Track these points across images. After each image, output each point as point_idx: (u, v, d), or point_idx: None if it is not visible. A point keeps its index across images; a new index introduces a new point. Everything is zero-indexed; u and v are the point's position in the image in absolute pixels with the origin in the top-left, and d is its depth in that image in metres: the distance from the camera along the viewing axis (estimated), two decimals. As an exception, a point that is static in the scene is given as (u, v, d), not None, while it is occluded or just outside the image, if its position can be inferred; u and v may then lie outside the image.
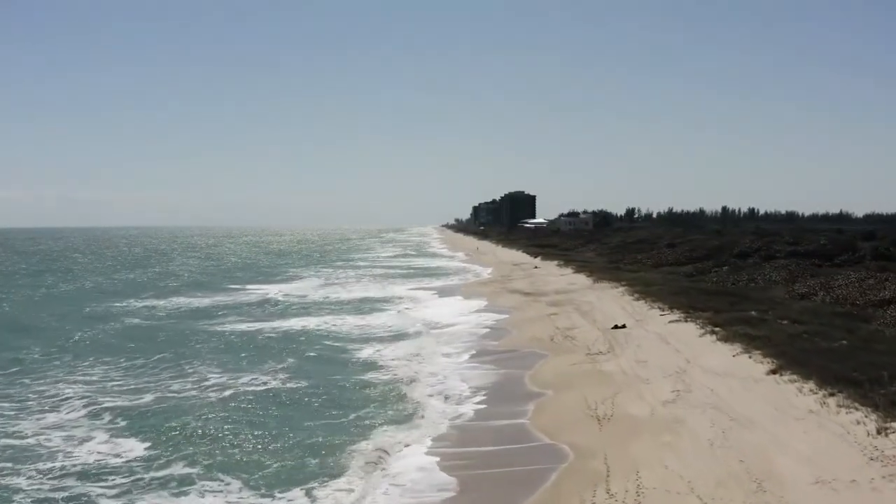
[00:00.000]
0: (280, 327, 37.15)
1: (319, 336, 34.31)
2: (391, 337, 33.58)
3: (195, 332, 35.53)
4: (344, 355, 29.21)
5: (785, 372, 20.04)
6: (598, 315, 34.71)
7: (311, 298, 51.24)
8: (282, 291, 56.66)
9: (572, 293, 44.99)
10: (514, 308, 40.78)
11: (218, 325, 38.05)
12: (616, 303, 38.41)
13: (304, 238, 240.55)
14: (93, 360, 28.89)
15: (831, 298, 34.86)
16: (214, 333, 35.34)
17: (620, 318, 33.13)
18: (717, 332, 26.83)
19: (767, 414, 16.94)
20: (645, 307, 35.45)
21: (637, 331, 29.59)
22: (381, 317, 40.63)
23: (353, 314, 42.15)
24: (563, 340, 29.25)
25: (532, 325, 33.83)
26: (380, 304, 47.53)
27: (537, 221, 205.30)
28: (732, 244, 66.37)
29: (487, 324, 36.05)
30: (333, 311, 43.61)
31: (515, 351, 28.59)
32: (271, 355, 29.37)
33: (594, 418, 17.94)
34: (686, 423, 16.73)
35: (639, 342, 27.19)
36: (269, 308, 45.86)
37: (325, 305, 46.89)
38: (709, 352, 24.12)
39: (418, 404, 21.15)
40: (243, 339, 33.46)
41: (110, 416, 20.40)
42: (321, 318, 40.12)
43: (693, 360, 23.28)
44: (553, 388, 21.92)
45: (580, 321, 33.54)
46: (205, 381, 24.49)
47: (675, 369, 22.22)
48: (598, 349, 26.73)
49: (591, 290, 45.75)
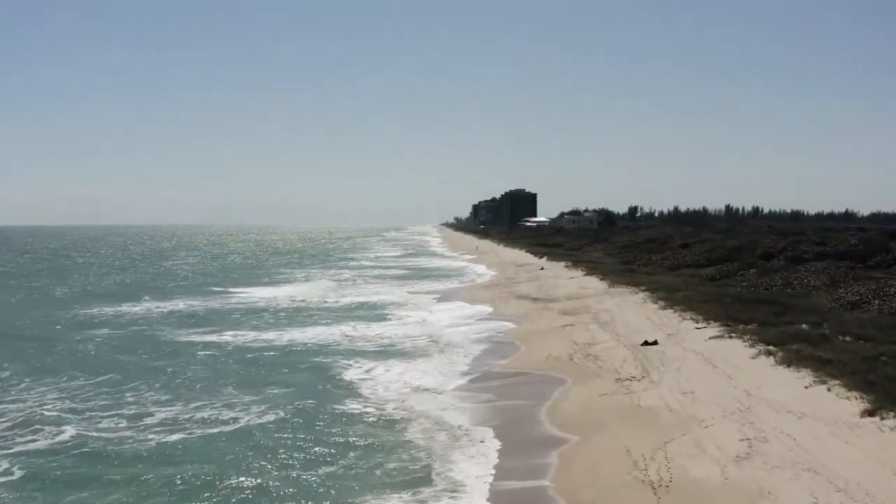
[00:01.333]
0: (261, 340, 32.57)
1: (304, 352, 29.74)
2: (384, 353, 29.00)
3: (162, 346, 30.99)
4: (327, 381, 24.54)
5: (886, 414, 15.47)
6: (622, 327, 30.14)
7: (302, 304, 46.64)
8: (271, 296, 52.09)
9: (586, 299, 40.41)
10: (522, 317, 36.20)
11: (194, 336, 33.49)
12: (639, 312, 33.83)
13: (303, 237, 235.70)
14: (30, 381, 24.40)
15: (889, 309, 30.27)
16: (185, 347, 30.79)
17: (648, 331, 28.56)
18: (773, 353, 22.26)
19: (886, 480, 12.40)
20: (675, 318, 30.88)
21: (672, 348, 25.02)
22: (375, 327, 36.03)
23: (345, 323, 37.59)
24: (584, 360, 24.66)
25: (545, 340, 29.27)
26: (376, 310, 42.97)
27: (539, 220, 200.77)
28: (753, 244, 61.74)
29: (492, 336, 31.49)
30: (325, 320, 39.03)
31: (527, 374, 24.03)
32: (244, 378, 24.83)
33: (646, 484, 13.35)
34: (779, 499, 12.15)
35: (678, 364, 22.63)
36: (252, 316, 41.27)
37: (317, 312, 42.29)
38: (770, 380, 19.55)
39: (407, 453, 16.59)
40: (216, 356, 28.91)
41: (8, 462, 15.93)
42: (311, 329, 35.51)
43: (753, 391, 18.72)
44: (580, 431, 17.35)
45: (601, 335, 28.98)
46: (146, 417, 19.88)
47: (734, 405, 17.66)
48: (629, 373, 22.16)
49: (607, 295, 41.17)
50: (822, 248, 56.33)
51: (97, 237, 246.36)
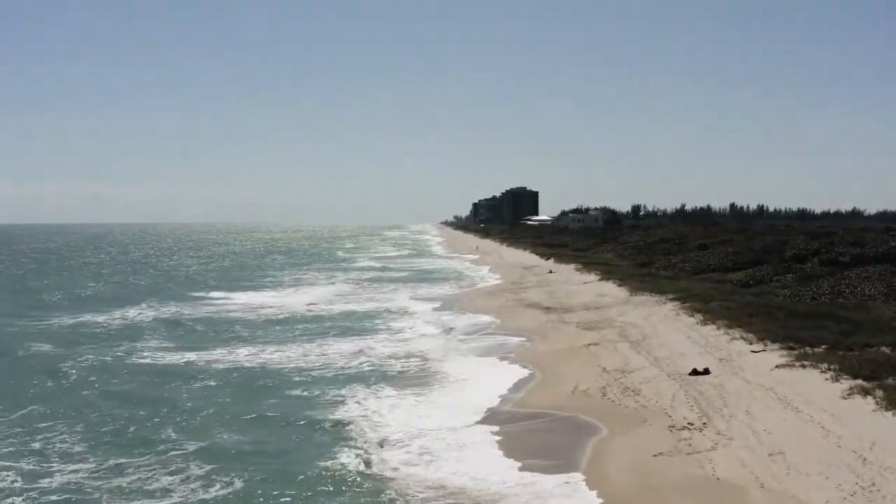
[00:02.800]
0: (227, 361, 27.48)
1: (274, 378, 24.66)
2: (368, 379, 23.93)
3: (103, 370, 25.90)
4: (298, 424, 19.51)
5: None
6: (659, 348, 25.07)
7: (286, 313, 41.53)
8: (255, 303, 47.06)
9: (607, 310, 35.33)
10: (535, 332, 31.11)
11: (149, 356, 28.45)
12: (674, 327, 28.77)
13: (302, 236, 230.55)
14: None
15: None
16: (134, 372, 25.77)
17: (692, 353, 23.53)
18: (868, 391, 17.21)
19: None
20: (721, 336, 25.80)
21: (730, 380, 19.96)
22: (362, 343, 30.97)
23: (330, 338, 32.53)
24: (621, 396, 19.57)
25: (566, 364, 24.19)
26: (366, 321, 37.90)
27: (541, 218, 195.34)
28: (781, 245, 56.65)
29: (499, 361, 26.32)
30: (308, 334, 33.95)
31: (548, 415, 18.96)
32: (193, 417, 19.81)
33: None
34: None
35: (745, 404, 17.57)
36: (225, 328, 36.19)
37: (299, 324, 37.20)
38: (885, 434, 14.50)
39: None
40: (167, 384, 23.86)
41: None
42: (289, 347, 30.37)
43: (867, 451, 13.67)
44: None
45: (635, 358, 23.90)
46: (41, 478, 14.81)
47: (849, 477, 12.62)
48: (684, 417, 17.10)
49: (629, 305, 36.09)
50: (860, 249, 51.28)
51: (98, 235, 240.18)
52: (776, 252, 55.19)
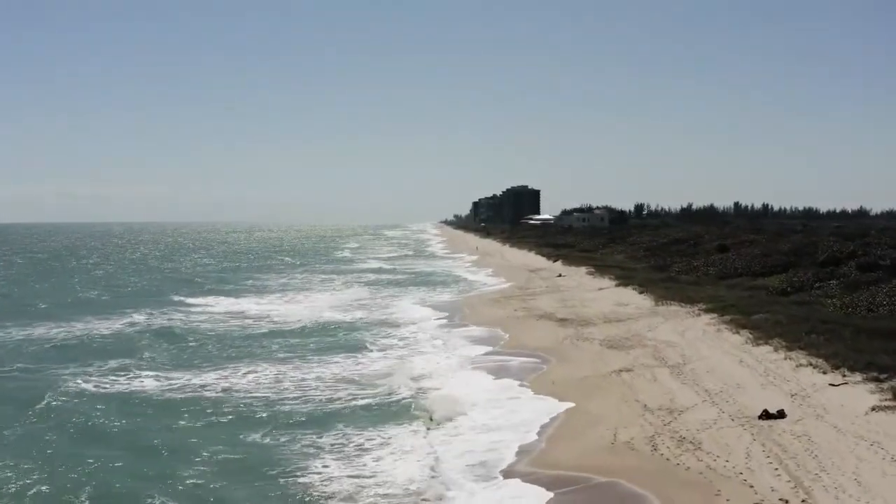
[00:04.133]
0: (182, 388, 23.03)
1: (230, 410, 20.20)
2: (351, 420, 19.45)
3: (38, 398, 21.43)
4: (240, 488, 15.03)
5: None
6: (706, 375, 20.57)
7: (270, 323, 37.08)
8: (236, 310, 42.61)
9: (632, 322, 30.87)
10: (552, 352, 26.59)
11: (95, 380, 23.99)
12: (718, 346, 24.29)
13: (301, 235, 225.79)
14: None
15: None
16: (76, 402, 21.33)
17: (751, 384, 19.06)
18: None
19: None
20: (782, 361, 21.31)
21: (816, 427, 15.47)
22: (351, 364, 26.50)
23: (308, 357, 28.08)
24: (677, 450, 15.05)
25: (597, 398, 19.68)
26: (360, 334, 33.42)
27: (543, 218, 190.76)
28: (812, 247, 52.13)
29: (511, 391, 21.73)
30: (283, 351, 29.48)
31: (582, 481, 14.40)
32: (122, 473, 15.35)
33: None
34: None
35: (850, 468, 13.09)
36: (193, 342, 31.74)
37: (283, 337, 32.68)
38: None
39: None
40: (104, 419, 19.41)
41: None
42: (260, 368, 25.96)
43: None
44: None
45: (681, 390, 19.40)
46: None
47: None
48: (771, 489, 12.59)
49: (657, 317, 31.62)
50: (902, 251, 46.83)
51: (96, 235, 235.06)
52: (806, 254, 50.69)
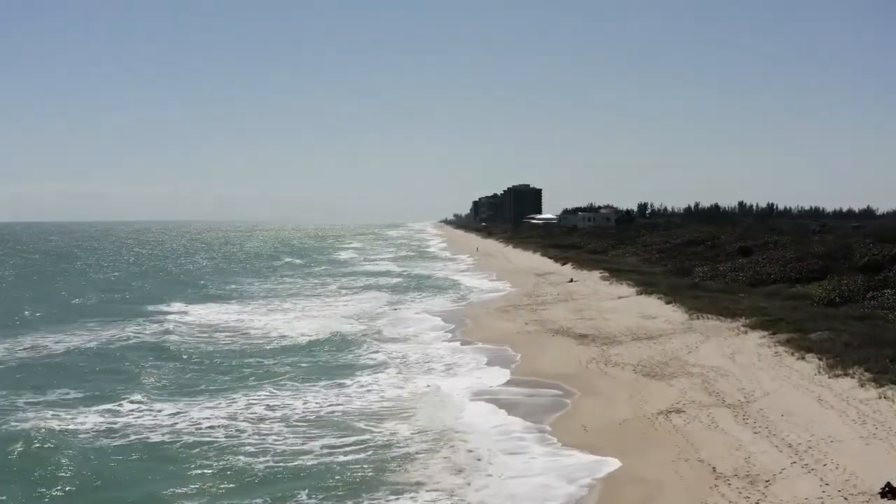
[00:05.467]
0: (123, 429, 18.60)
1: (174, 467, 15.75)
2: (319, 489, 15.02)
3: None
4: None
5: None
6: (782, 421, 16.09)
7: (240, 340, 32.68)
8: (212, 321, 38.25)
9: (665, 340, 26.39)
10: (575, 380, 22.08)
11: (31, 413, 19.61)
12: (782, 376, 19.79)
13: (296, 235, 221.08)
14: None
15: None
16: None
17: (849, 437, 14.62)
18: None
19: None
20: (878, 401, 16.81)
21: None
22: (329, 397, 22.07)
23: (287, 381, 23.70)
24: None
25: (645, 456, 15.20)
26: (341, 353, 29.06)
27: (546, 217, 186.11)
28: (847, 250, 47.64)
29: (529, 441, 17.20)
30: (256, 375, 25.09)
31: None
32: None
33: None
34: None
35: None
36: (153, 362, 27.32)
37: (252, 359, 28.31)
38: None
39: None
40: (34, 473, 14.99)
41: None
42: (219, 401, 21.56)
43: None
44: None
45: (754, 442, 14.92)
46: None
47: None
48: None
49: (695, 333, 27.14)
50: (949, 255, 42.43)
51: (98, 235, 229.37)
52: (842, 258, 46.29)
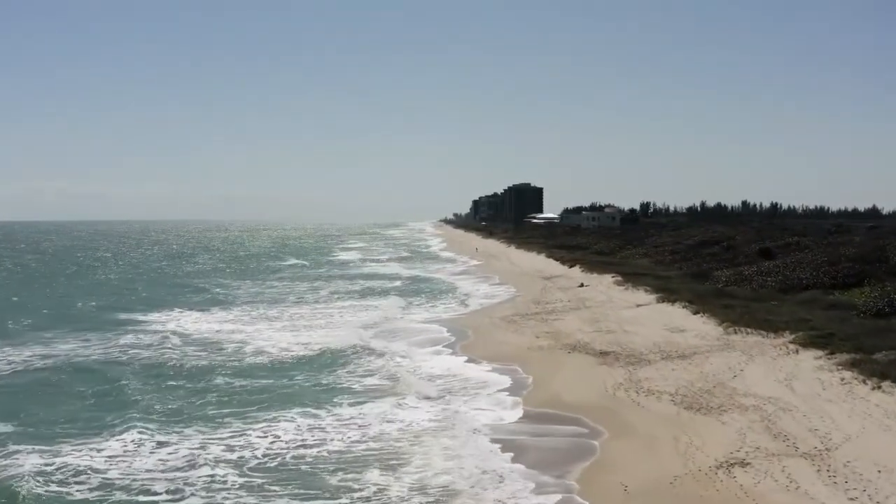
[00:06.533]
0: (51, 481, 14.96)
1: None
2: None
3: None
4: None
5: None
6: (880, 478, 12.49)
7: (216, 351, 29.05)
8: (188, 330, 34.71)
9: (700, 359, 22.73)
10: (601, 412, 18.43)
11: None
12: (865, 413, 16.10)
13: (297, 235, 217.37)
14: None
15: None
16: None
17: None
18: None
19: None
20: None
21: None
22: (302, 431, 18.43)
23: (258, 409, 20.07)
24: None
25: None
26: (322, 375, 25.43)
27: (547, 217, 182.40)
28: (880, 252, 43.98)
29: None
30: (217, 404, 21.49)
31: None
32: None
33: None
34: None
35: None
36: (102, 385, 23.70)
37: (222, 377, 24.71)
38: None
39: None
40: None
41: None
42: (179, 438, 17.94)
43: None
44: None
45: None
46: None
47: None
48: None
49: (734, 351, 23.45)
50: None
51: (101, 233, 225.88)
52: (876, 260, 42.66)
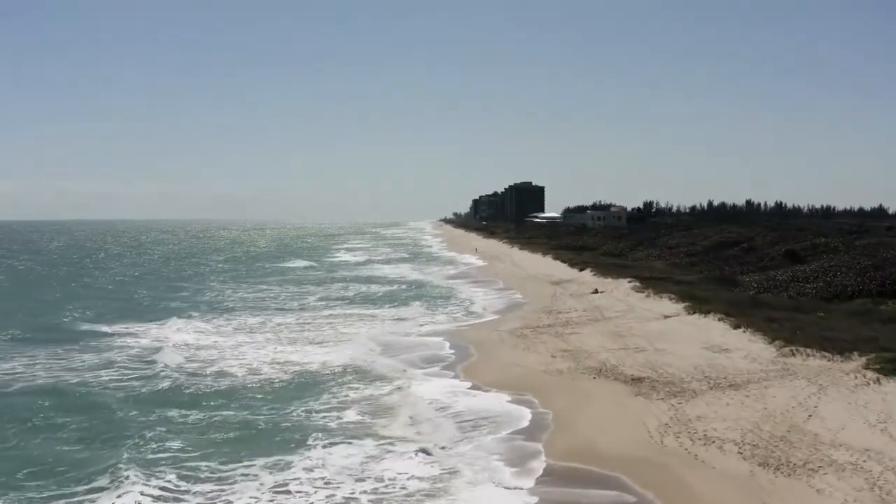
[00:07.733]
0: None
1: None
2: None
3: None
4: None
5: None
6: None
7: (175, 372, 24.92)
8: (157, 344, 30.68)
9: (757, 389, 18.57)
10: (647, 471, 14.28)
11: None
12: None
13: (297, 234, 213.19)
14: None
15: None
16: None
17: None
18: None
19: None
20: None
21: None
22: (255, 496, 14.31)
23: (208, 462, 15.96)
24: None
25: None
26: (305, 398, 21.32)
27: (550, 216, 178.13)
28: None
29: None
30: (177, 436, 17.38)
31: None
32: None
33: None
34: None
35: None
36: (54, 414, 19.62)
37: (175, 409, 20.61)
38: None
39: None
40: None
41: None
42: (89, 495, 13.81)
43: None
44: None
45: None
46: None
47: None
48: None
49: (797, 378, 19.30)
50: None
51: (98, 235, 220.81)
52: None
